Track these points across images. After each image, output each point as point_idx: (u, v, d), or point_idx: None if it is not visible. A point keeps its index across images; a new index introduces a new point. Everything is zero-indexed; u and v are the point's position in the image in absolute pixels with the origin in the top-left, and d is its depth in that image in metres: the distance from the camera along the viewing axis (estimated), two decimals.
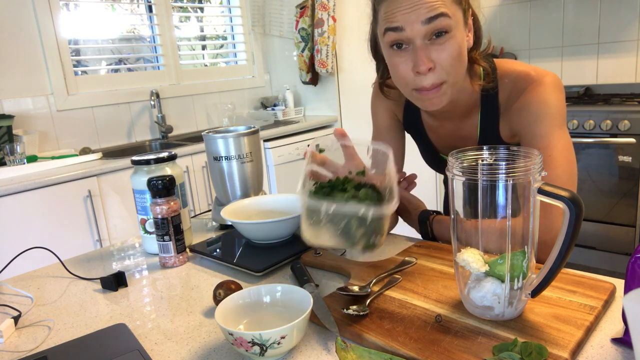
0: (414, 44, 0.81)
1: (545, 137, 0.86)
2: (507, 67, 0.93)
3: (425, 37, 0.80)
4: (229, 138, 1.15)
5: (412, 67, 0.82)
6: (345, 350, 0.59)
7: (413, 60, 0.81)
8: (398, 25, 0.80)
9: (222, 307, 0.67)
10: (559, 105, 0.87)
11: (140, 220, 1.06)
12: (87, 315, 0.81)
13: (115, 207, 2.17)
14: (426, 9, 0.78)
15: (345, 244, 0.74)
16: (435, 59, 0.81)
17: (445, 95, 0.85)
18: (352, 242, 0.73)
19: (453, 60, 0.81)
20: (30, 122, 2.40)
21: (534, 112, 0.88)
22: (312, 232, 0.74)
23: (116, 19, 2.85)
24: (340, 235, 0.73)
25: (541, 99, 0.87)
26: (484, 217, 0.63)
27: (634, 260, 0.57)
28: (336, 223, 0.73)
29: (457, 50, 0.81)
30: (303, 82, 3.21)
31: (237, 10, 3.31)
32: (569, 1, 2.88)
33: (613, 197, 2.39)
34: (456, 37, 0.81)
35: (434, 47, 0.81)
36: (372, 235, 0.73)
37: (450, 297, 0.72)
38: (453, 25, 0.80)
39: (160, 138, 2.86)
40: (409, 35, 0.80)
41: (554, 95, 0.87)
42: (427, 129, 1.07)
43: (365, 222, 0.72)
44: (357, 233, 0.72)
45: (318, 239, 0.75)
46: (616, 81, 2.80)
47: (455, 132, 1.01)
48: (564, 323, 0.62)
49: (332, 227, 0.73)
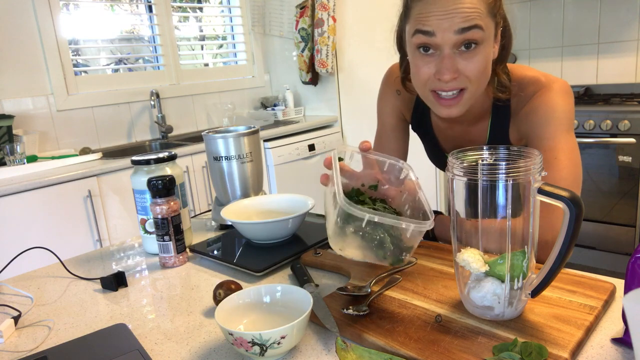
0: (442, 50, 0.80)
1: (551, 140, 0.86)
2: (519, 74, 0.92)
3: (455, 47, 0.79)
4: (229, 138, 1.15)
5: (435, 72, 0.81)
6: (345, 350, 0.59)
7: (437, 67, 0.81)
8: (430, 30, 0.79)
9: (222, 307, 0.67)
10: (567, 109, 0.87)
11: (140, 220, 1.06)
12: (87, 315, 0.81)
13: (115, 207, 2.17)
14: (461, 18, 0.77)
15: (375, 257, 0.72)
16: (461, 69, 0.80)
17: (464, 105, 0.84)
18: (383, 255, 0.72)
19: (478, 72, 0.81)
20: (30, 122, 2.40)
21: (541, 115, 0.87)
22: (339, 240, 0.72)
23: (116, 19, 2.85)
24: (373, 248, 0.71)
25: (549, 104, 0.87)
26: (484, 217, 0.63)
27: (634, 260, 0.57)
28: (371, 234, 0.70)
29: (483, 64, 0.81)
30: (303, 82, 3.21)
31: (237, 10, 3.31)
32: (569, 1, 2.88)
33: (613, 197, 2.39)
34: (485, 50, 0.80)
35: (461, 58, 0.80)
36: (403, 252, 0.72)
37: (450, 297, 0.72)
38: (485, 38, 0.79)
39: (160, 138, 2.86)
40: (439, 42, 0.79)
41: (563, 100, 0.87)
42: (435, 130, 1.07)
43: (399, 238, 0.70)
44: (390, 247, 0.71)
45: (344, 250, 0.72)
46: (616, 81, 2.80)
47: (464, 136, 1.01)
48: (564, 323, 0.62)
49: (366, 238, 0.70)
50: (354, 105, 3.11)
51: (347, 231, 0.70)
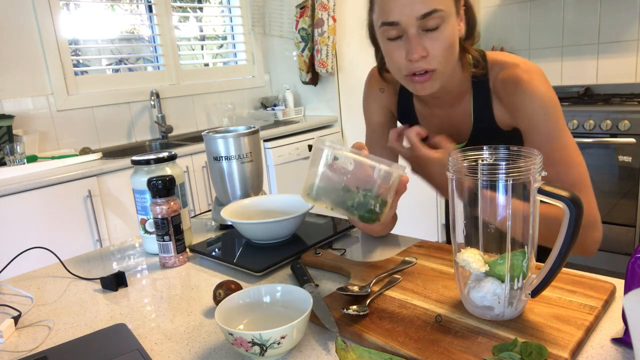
0: (407, 33, 0.85)
1: (557, 140, 0.87)
2: (496, 56, 0.96)
3: (419, 28, 0.84)
4: (229, 138, 1.15)
5: (406, 54, 0.86)
6: (345, 350, 0.59)
7: (406, 49, 0.85)
8: (393, 20, 0.84)
9: (222, 307, 0.67)
10: (554, 97, 0.90)
11: (140, 220, 1.06)
12: (87, 315, 0.81)
13: (115, 207, 2.17)
14: (420, 3, 0.81)
15: (343, 207, 0.76)
16: (428, 48, 0.85)
17: (436, 81, 0.89)
18: (352, 204, 0.75)
19: (445, 50, 0.85)
20: (30, 122, 2.40)
21: (536, 107, 0.88)
22: (311, 189, 0.76)
23: (116, 19, 2.85)
24: (340, 193, 0.75)
25: (538, 94, 0.88)
26: (484, 217, 0.63)
27: (634, 260, 0.57)
28: (339, 181, 0.75)
29: (448, 41, 0.85)
30: (303, 82, 3.21)
31: (237, 10, 3.31)
32: (569, 1, 2.88)
33: (613, 197, 2.39)
34: (448, 28, 0.85)
35: (427, 37, 0.84)
36: (374, 204, 0.74)
37: (450, 297, 0.72)
38: (446, 17, 0.84)
39: (160, 138, 2.86)
40: (403, 28, 0.85)
41: (547, 87, 0.89)
42: (419, 118, 1.08)
43: (370, 189, 0.74)
44: (358, 196, 0.74)
45: (317, 200, 0.76)
46: (616, 81, 2.80)
47: (447, 120, 1.03)
48: (564, 323, 0.62)
49: (333, 182, 0.75)
50: (354, 105, 3.11)
51: (318, 173, 0.75)
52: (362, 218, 0.75)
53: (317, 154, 0.75)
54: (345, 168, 0.74)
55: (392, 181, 0.75)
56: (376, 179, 0.74)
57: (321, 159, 0.74)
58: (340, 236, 1.07)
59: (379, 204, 0.75)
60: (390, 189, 0.75)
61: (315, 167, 0.75)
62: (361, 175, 0.74)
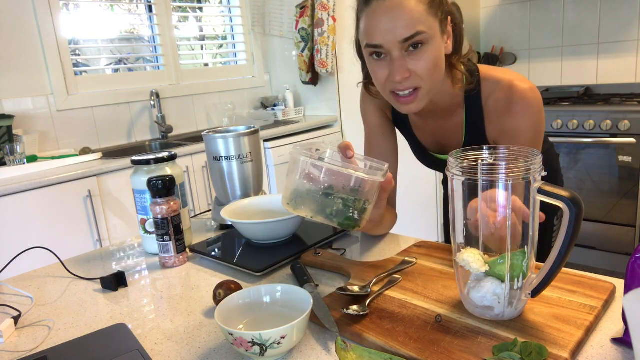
0: (391, 55, 0.85)
1: (535, 146, 0.91)
2: (490, 72, 0.96)
3: (403, 49, 0.84)
4: (229, 138, 1.15)
5: (389, 75, 0.87)
6: (345, 350, 0.59)
7: (390, 69, 0.86)
8: (377, 43, 0.85)
9: (222, 307, 0.67)
10: (542, 114, 0.92)
11: (140, 220, 1.06)
12: (87, 315, 0.81)
13: (115, 207, 2.17)
14: (402, 27, 0.82)
15: (323, 215, 0.74)
16: (411, 69, 0.85)
17: (421, 100, 0.89)
18: (331, 212, 0.74)
19: (429, 70, 0.86)
20: (30, 122, 2.40)
21: (526, 129, 0.92)
22: (292, 196, 0.75)
23: (116, 19, 2.85)
24: (319, 201, 0.73)
25: (529, 115, 0.91)
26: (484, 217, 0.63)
27: (634, 260, 0.57)
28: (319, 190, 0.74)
29: (432, 61, 0.85)
30: (303, 82, 3.21)
31: (237, 10, 3.31)
32: (569, 1, 2.88)
33: (613, 197, 2.39)
34: (432, 48, 0.85)
35: (410, 58, 0.85)
36: (354, 212, 0.73)
37: (450, 297, 0.72)
38: (430, 38, 0.84)
39: (160, 138, 2.85)
40: (387, 50, 0.85)
41: (539, 107, 0.91)
42: (413, 126, 1.09)
43: (352, 195, 0.73)
44: (337, 202, 0.73)
45: (297, 208, 0.75)
46: (616, 81, 2.80)
47: (440, 131, 1.04)
48: (564, 323, 0.62)
49: (313, 191, 0.74)
50: (354, 105, 3.11)
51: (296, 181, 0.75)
52: (342, 225, 0.75)
53: (294, 163, 0.75)
54: (323, 177, 0.74)
55: (371, 188, 0.74)
56: (353, 186, 0.73)
57: (298, 168, 0.74)
58: (340, 236, 1.07)
59: (358, 210, 0.74)
60: (370, 194, 0.74)
61: (294, 176, 0.75)
62: (338, 184, 0.74)
